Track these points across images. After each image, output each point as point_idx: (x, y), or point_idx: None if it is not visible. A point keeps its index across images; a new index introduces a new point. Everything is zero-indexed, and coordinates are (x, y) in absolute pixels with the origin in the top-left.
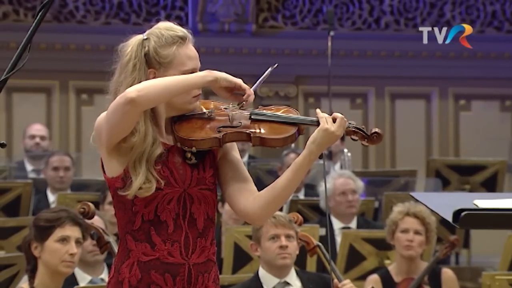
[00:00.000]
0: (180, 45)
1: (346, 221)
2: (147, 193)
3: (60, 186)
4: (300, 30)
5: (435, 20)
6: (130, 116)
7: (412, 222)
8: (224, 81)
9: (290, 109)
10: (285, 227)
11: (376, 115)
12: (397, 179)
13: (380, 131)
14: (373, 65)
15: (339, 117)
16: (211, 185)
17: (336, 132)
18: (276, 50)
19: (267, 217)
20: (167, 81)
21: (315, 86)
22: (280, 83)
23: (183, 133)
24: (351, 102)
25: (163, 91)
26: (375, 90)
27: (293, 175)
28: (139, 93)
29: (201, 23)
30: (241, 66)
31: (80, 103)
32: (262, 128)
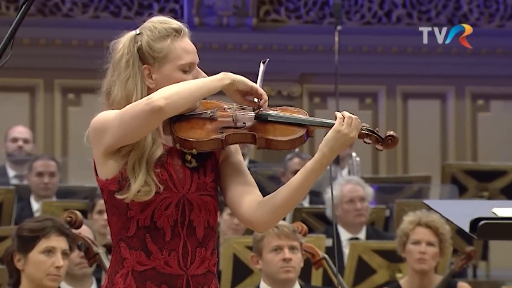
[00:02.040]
0: (175, 38)
1: (354, 231)
2: (146, 197)
3: (44, 193)
4: (305, 24)
5: (451, 14)
6: (153, 124)
7: (424, 232)
8: (241, 84)
9: (298, 109)
10: (288, 238)
11: (387, 117)
12: (410, 186)
13: (395, 135)
14: (383, 62)
15: (353, 117)
16: (212, 191)
17: (349, 134)
18: (278, 46)
19: (272, 224)
20: (188, 86)
21: (321, 85)
22: (283, 82)
23: (183, 133)
24: (360, 102)
25: (188, 98)
26: (386, 89)
27: (303, 180)
28: (167, 101)
29: (197, 16)
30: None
31: (66, 103)
32: (268, 129)
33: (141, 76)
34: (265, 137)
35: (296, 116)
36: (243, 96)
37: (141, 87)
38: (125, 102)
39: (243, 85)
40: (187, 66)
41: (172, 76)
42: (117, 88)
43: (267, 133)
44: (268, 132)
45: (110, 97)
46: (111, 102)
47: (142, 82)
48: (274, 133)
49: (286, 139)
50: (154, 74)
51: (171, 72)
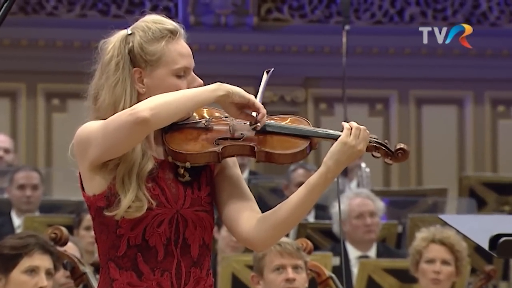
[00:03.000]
0: (169, 40)
1: (363, 248)
2: (138, 213)
3: (27, 207)
4: (310, 24)
5: (469, 12)
6: (138, 137)
7: (439, 250)
8: (237, 96)
9: (300, 118)
10: (292, 256)
11: (400, 124)
12: (424, 199)
13: (406, 148)
14: (395, 65)
15: (361, 128)
16: (207, 206)
17: (357, 146)
18: (281, 47)
19: (272, 243)
20: (178, 97)
21: (327, 89)
22: (286, 86)
23: (175, 145)
24: (370, 108)
25: (176, 109)
26: (398, 94)
27: (306, 195)
28: (152, 112)
29: (193, 15)
30: (240, 66)
31: (50, 110)
32: (268, 141)
33: (131, 80)
34: (265, 150)
35: (299, 126)
36: (239, 109)
37: (130, 93)
38: (112, 109)
39: (239, 98)
40: (181, 71)
41: (165, 81)
42: (105, 93)
43: (267, 145)
44: (268, 144)
45: (97, 102)
46: (98, 108)
47: (132, 87)
48: (274, 146)
49: (288, 153)
50: (145, 78)
51: (164, 77)
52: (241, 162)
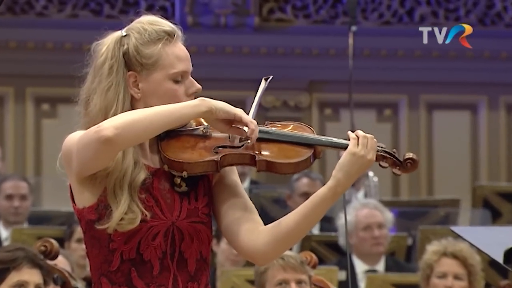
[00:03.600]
0: (166, 43)
1: (371, 262)
2: (131, 225)
3: (15, 218)
4: (315, 25)
5: (483, 13)
6: (105, 155)
7: (451, 264)
8: (221, 112)
9: (303, 125)
10: (295, 270)
11: (409, 130)
12: (436, 210)
13: (415, 157)
14: (405, 68)
15: (368, 137)
16: (204, 218)
17: (367, 156)
18: (284, 50)
19: (274, 257)
20: (151, 113)
21: (333, 94)
22: (289, 90)
23: (172, 153)
24: (378, 114)
25: (148, 128)
26: (408, 99)
27: (312, 209)
28: (117, 131)
29: (191, 15)
30: (240, 69)
31: (40, 115)
32: (270, 149)
33: (125, 84)
34: (266, 159)
35: (302, 134)
36: (228, 124)
37: (123, 98)
38: (102, 114)
39: (224, 113)
40: (179, 76)
41: (162, 85)
42: (97, 97)
43: (268, 154)
44: (270, 153)
45: (88, 107)
46: (88, 113)
47: (125, 92)
48: (276, 155)
49: (290, 162)
50: (141, 82)
51: (160, 81)
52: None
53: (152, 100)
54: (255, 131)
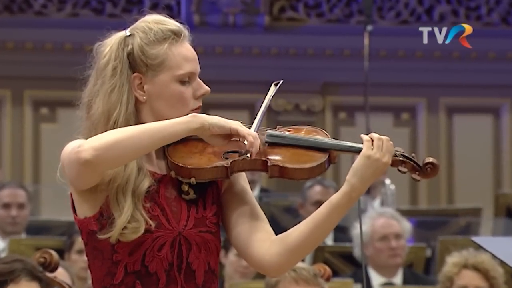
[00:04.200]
0: (173, 43)
1: (388, 274)
2: (134, 234)
3: (12, 228)
4: (328, 24)
5: (506, 11)
6: (88, 177)
7: (472, 276)
8: (215, 128)
9: (316, 129)
10: (308, 283)
11: (428, 135)
12: (456, 220)
13: (436, 162)
14: (423, 70)
15: (383, 139)
16: (213, 227)
17: (382, 159)
18: (296, 50)
19: (287, 268)
20: (135, 132)
21: (348, 96)
22: (301, 93)
23: (179, 159)
24: (395, 118)
25: (131, 148)
26: (427, 102)
27: (326, 217)
28: (97, 152)
29: (197, 14)
30: (249, 71)
31: (39, 120)
32: (283, 154)
33: (129, 86)
34: (278, 164)
35: (316, 138)
36: (226, 138)
37: (126, 100)
38: (105, 118)
39: (218, 128)
40: (186, 77)
41: (168, 88)
42: (99, 100)
43: (281, 159)
44: (283, 158)
45: (90, 110)
46: (90, 116)
47: (130, 94)
48: (289, 160)
49: (304, 167)
50: (146, 84)
51: (167, 83)
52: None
53: (158, 102)
54: (254, 143)
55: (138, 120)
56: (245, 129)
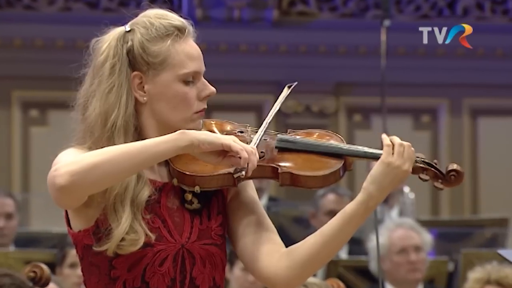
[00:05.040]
0: (176, 39)
1: None
2: (133, 247)
3: None
4: (342, 19)
5: None
6: (66, 202)
7: None
8: (205, 145)
9: (330, 133)
10: None
11: (450, 139)
12: (481, 231)
13: (460, 169)
14: (446, 68)
15: (405, 145)
16: (218, 239)
17: (402, 167)
18: (306, 47)
19: (298, 283)
20: (116, 154)
21: (363, 97)
22: (313, 94)
23: (182, 165)
24: (415, 121)
25: (111, 171)
26: (449, 103)
27: (340, 227)
28: (72, 178)
29: (200, 8)
30: (256, 70)
31: (28, 123)
32: (294, 160)
33: (129, 86)
34: (290, 172)
35: (330, 143)
36: (221, 155)
37: (125, 101)
38: (102, 120)
39: (209, 145)
40: (190, 76)
41: (170, 88)
42: (96, 101)
43: (292, 166)
44: (294, 164)
45: (86, 112)
46: (85, 118)
47: (129, 94)
48: (302, 166)
49: (318, 174)
50: (147, 84)
51: (169, 82)
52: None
53: (160, 104)
54: (250, 159)
55: (138, 123)
56: (240, 144)
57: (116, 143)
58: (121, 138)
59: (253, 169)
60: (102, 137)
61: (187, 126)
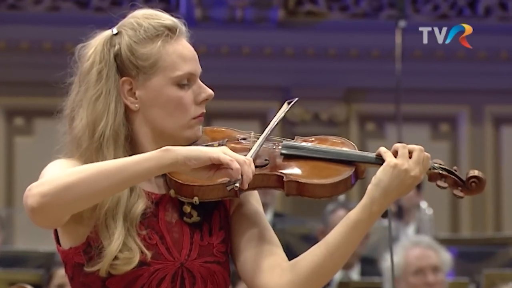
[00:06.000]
0: (167, 39)
1: None
2: (127, 266)
3: None
4: (353, 19)
5: None
6: (43, 223)
7: None
8: (191, 161)
9: (343, 140)
10: None
11: (471, 150)
12: (504, 250)
13: (481, 175)
14: (466, 73)
15: (416, 148)
16: (221, 256)
17: (411, 171)
18: (314, 50)
19: None
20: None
21: (376, 104)
22: (322, 101)
23: (180, 175)
24: (433, 129)
25: (85, 193)
26: (470, 111)
27: (343, 236)
28: (44, 199)
29: (200, 8)
30: (260, 75)
31: (12, 132)
32: (301, 168)
33: (117, 93)
34: (296, 180)
35: (340, 149)
36: (213, 169)
37: (114, 109)
38: (90, 131)
39: (196, 161)
40: (184, 79)
41: (163, 92)
42: (83, 110)
43: (299, 174)
44: (302, 172)
45: (73, 122)
46: (73, 129)
47: (118, 102)
48: (309, 174)
49: (327, 183)
50: (137, 90)
51: (161, 87)
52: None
53: (153, 110)
54: (244, 169)
55: (130, 132)
56: (230, 155)
57: (105, 154)
58: (111, 148)
59: (248, 180)
60: (90, 149)
61: (185, 133)
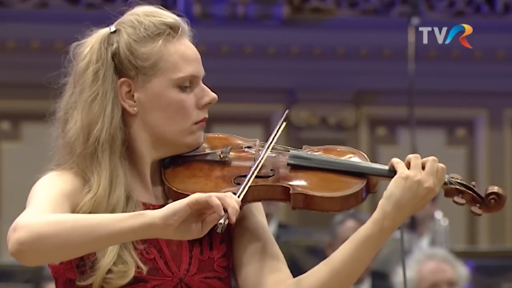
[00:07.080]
0: (169, 39)
1: None
2: (121, 280)
3: None
4: (363, 16)
5: None
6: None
7: None
8: (172, 218)
9: (354, 150)
10: None
11: (490, 156)
12: None
13: (501, 192)
14: (484, 74)
15: (429, 159)
16: (222, 272)
17: (424, 183)
18: (322, 49)
19: None
20: (70, 226)
21: (388, 107)
22: (329, 104)
23: (179, 184)
24: (448, 135)
25: (58, 247)
26: (489, 114)
27: (354, 252)
28: (21, 247)
29: (199, 4)
30: (264, 76)
31: None
32: (309, 180)
33: (114, 95)
34: (304, 192)
35: (350, 161)
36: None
37: (111, 112)
38: (84, 135)
39: (176, 215)
40: (186, 81)
41: (164, 95)
42: (77, 113)
43: (306, 185)
44: (309, 184)
45: (66, 126)
46: (66, 133)
47: (115, 104)
48: (317, 186)
49: (336, 196)
50: (136, 92)
51: (162, 89)
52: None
53: (152, 114)
54: (226, 202)
55: (127, 137)
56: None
57: (100, 160)
58: (106, 154)
59: (235, 213)
60: (84, 154)
61: (185, 139)
